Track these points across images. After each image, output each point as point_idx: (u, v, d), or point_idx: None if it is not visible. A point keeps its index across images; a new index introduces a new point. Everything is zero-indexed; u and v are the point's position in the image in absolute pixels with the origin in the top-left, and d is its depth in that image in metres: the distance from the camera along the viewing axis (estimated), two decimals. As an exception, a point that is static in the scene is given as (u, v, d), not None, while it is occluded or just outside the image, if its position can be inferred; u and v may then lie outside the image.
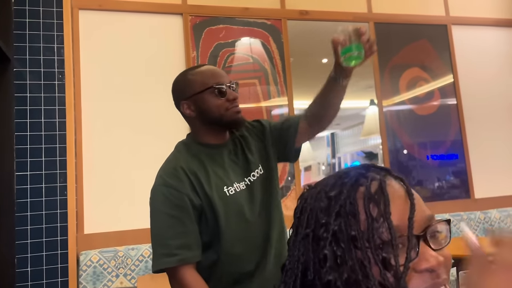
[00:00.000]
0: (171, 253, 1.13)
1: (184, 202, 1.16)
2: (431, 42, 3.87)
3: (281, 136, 1.35)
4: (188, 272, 1.13)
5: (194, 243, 1.16)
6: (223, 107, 1.23)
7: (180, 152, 1.28)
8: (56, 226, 2.53)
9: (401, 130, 3.71)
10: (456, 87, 3.86)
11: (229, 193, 1.21)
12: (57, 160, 2.58)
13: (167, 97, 3.46)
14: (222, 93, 1.23)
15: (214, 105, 1.23)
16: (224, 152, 1.28)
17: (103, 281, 2.64)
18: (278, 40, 3.45)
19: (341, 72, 1.24)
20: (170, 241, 1.14)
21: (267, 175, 1.31)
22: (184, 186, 1.17)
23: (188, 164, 1.21)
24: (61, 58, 2.69)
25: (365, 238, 0.50)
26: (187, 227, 1.15)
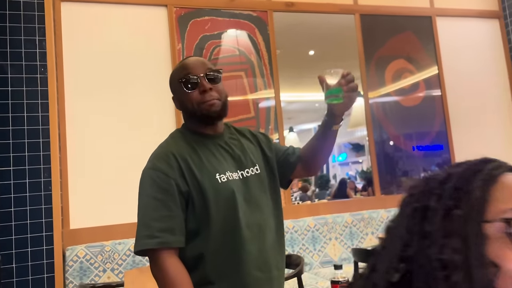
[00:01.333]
0: (152, 235, 1.13)
1: (171, 186, 1.16)
2: (416, 34, 3.89)
3: (282, 161, 1.39)
4: (168, 256, 1.13)
5: (178, 228, 1.16)
6: (196, 100, 1.23)
7: (174, 138, 1.28)
8: (41, 221, 2.50)
9: (387, 121, 3.74)
10: (441, 79, 3.90)
11: (221, 180, 1.20)
12: (40, 155, 2.54)
13: (153, 89, 3.44)
14: (193, 84, 1.23)
15: (187, 99, 1.24)
16: (217, 143, 1.28)
17: (90, 276, 2.63)
18: (264, 32, 3.43)
19: (332, 117, 1.28)
20: (153, 223, 1.14)
21: (267, 176, 1.33)
22: (172, 171, 1.17)
23: (179, 150, 1.21)
24: (43, 51, 2.63)
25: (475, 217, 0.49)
26: (172, 211, 1.15)
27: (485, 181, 0.52)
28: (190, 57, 1.30)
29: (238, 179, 1.25)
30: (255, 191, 1.27)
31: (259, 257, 1.22)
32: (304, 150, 1.40)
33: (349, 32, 3.71)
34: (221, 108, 1.24)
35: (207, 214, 1.18)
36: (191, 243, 1.19)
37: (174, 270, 1.12)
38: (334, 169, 7.46)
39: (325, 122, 1.30)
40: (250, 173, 1.28)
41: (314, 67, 3.68)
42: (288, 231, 3.13)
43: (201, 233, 1.19)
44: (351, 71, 1.24)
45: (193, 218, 1.19)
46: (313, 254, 3.18)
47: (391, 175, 3.71)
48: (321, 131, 1.33)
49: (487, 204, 0.50)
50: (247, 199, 1.24)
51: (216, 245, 1.19)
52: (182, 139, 1.27)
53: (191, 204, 1.19)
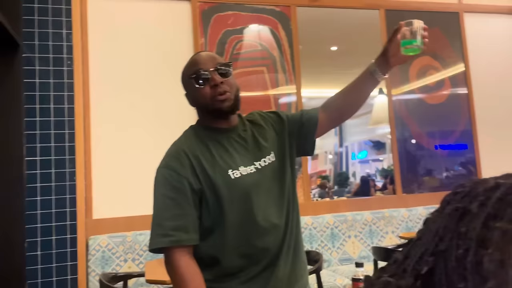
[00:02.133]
0: (165, 234, 1.14)
1: (183, 185, 1.17)
2: (443, 30, 3.81)
3: (301, 128, 1.35)
4: (181, 255, 1.14)
5: (191, 226, 1.16)
6: (208, 95, 1.22)
7: (186, 136, 1.29)
8: (65, 211, 2.56)
9: (410, 119, 3.68)
10: (467, 76, 3.81)
11: (234, 176, 1.20)
12: (66, 146, 2.60)
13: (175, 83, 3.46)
14: (203, 80, 1.22)
15: (199, 95, 1.24)
16: (231, 136, 1.27)
17: (111, 266, 2.68)
18: (287, 27, 3.41)
19: (383, 66, 1.27)
20: (166, 222, 1.15)
21: (280, 165, 1.29)
22: (184, 169, 1.18)
23: (191, 148, 1.22)
24: (70, 44, 2.69)
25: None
26: (184, 210, 1.16)
27: None
28: (200, 53, 1.30)
29: (253, 171, 1.23)
30: (270, 181, 1.26)
31: (275, 247, 1.22)
32: (336, 98, 1.37)
33: (373, 28, 3.66)
34: (233, 102, 1.24)
35: (221, 211, 1.18)
36: (207, 240, 1.19)
37: (186, 268, 1.13)
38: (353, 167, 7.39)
39: (373, 70, 1.28)
40: (267, 161, 1.27)
41: (336, 63, 3.65)
42: (307, 227, 3.12)
43: (216, 230, 1.19)
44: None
45: (207, 215, 1.19)
46: (332, 251, 3.16)
47: (412, 174, 3.66)
48: (363, 78, 1.31)
49: None
50: (263, 190, 1.23)
51: (232, 241, 1.19)
52: (195, 136, 1.26)
53: (205, 202, 1.19)
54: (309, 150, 1.38)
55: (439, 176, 3.76)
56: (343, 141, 5.26)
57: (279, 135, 1.33)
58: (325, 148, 4.67)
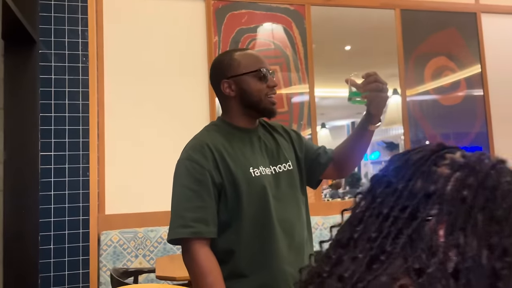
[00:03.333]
0: (186, 225, 1.15)
1: (205, 177, 1.18)
2: (459, 31, 3.75)
3: (314, 158, 1.39)
4: (200, 247, 1.15)
5: (211, 219, 1.17)
6: (263, 92, 1.26)
7: (209, 130, 1.30)
8: (79, 206, 2.59)
9: (424, 120, 3.64)
10: (484, 78, 3.75)
11: (254, 174, 1.21)
12: (80, 142, 2.63)
13: (189, 81, 3.48)
14: (265, 78, 1.26)
15: (255, 89, 1.26)
16: (253, 137, 1.30)
17: (122, 261, 2.71)
18: (301, 26, 3.40)
19: (369, 117, 1.29)
20: (187, 214, 1.16)
21: (296, 175, 1.32)
22: (207, 162, 1.19)
23: (214, 142, 1.23)
24: (85, 41, 2.72)
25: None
26: (206, 202, 1.17)
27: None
28: (252, 50, 1.35)
29: (270, 174, 1.25)
30: (286, 187, 1.27)
31: (289, 252, 1.22)
32: (338, 150, 1.40)
33: (388, 28, 3.62)
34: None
35: (239, 207, 1.19)
36: (223, 235, 1.20)
37: (205, 260, 1.14)
38: (366, 168, 7.33)
39: (362, 122, 1.30)
40: (283, 169, 1.29)
41: (350, 63, 3.62)
42: (318, 227, 3.11)
43: (233, 226, 1.20)
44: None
45: (225, 210, 1.20)
46: (342, 252, 3.14)
47: (426, 176, 3.61)
48: (357, 130, 1.33)
49: None
50: (278, 195, 1.24)
51: (248, 238, 1.19)
52: (217, 132, 1.28)
53: (224, 196, 1.20)
54: (313, 184, 1.42)
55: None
56: (355, 142, 5.19)
57: (297, 153, 1.37)
58: (337, 148, 4.63)
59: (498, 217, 0.48)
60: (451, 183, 0.51)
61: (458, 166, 0.52)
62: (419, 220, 0.49)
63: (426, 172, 0.52)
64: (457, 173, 0.51)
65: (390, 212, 0.51)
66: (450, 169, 0.52)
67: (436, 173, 0.52)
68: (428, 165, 0.53)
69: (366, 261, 0.50)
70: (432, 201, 0.50)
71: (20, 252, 2.41)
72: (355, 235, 0.54)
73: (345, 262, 0.53)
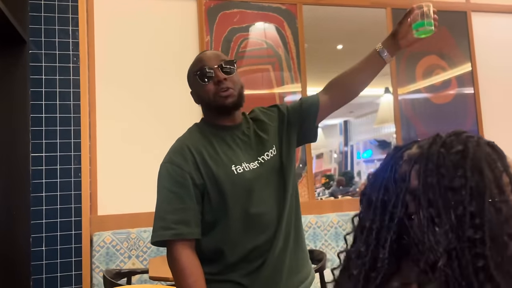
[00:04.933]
0: (167, 227, 1.16)
1: (186, 179, 1.19)
2: (450, 29, 3.78)
3: (302, 116, 1.36)
4: (183, 248, 1.16)
5: (193, 221, 1.18)
6: (211, 92, 1.25)
7: (190, 132, 1.31)
8: (71, 207, 2.57)
9: (416, 119, 3.66)
10: (474, 76, 3.78)
11: (237, 172, 1.21)
12: (71, 142, 2.61)
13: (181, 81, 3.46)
14: (206, 77, 1.25)
15: (202, 91, 1.26)
16: (235, 134, 1.29)
17: (115, 262, 2.69)
18: (293, 25, 3.40)
19: (392, 47, 1.31)
20: (168, 216, 1.17)
21: (282, 159, 1.30)
22: (187, 164, 1.20)
23: (195, 143, 1.24)
24: (76, 41, 2.70)
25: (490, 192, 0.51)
26: (186, 204, 1.18)
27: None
28: (205, 51, 1.33)
29: (256, 167, 1.25)
30: (272, 173, 1.27)
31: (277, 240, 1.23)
32: (342, 77, 1.39)
33: (380, 27, 3.64)
34: (236, 99, 1.26)
35: (224, 206, 1.20)
36: (209, 234, 1.21)
37: (187, 261, 1.15)
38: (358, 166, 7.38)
39: (381, 51, 1.32)
40: (270, 155, 1.28)
41: (342, 62, 3.63)
42: (311, 226, 3.12)
43: (219, 225, 1.21)
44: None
45: (209, 210, 1.21)
46: (336, 250, 3.16)
47: (418, 174, 3.64)
48: (370, 58, 1.35)
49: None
50: (264, 183, 1.24)
51: (235, 235, 1.20)
52: (199, 132, 1.29)
53: (207, 197, 1.21)
54: (311, 137, 1.40)
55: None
56: (348, 140, 5.24)
57: (280, 127, 1.34)
58: (330, 147, 4.65)
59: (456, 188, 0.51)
60: (413, 177, 0.53)
61: (414, 159, 0.55)
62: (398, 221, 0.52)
63: (391, 177, 0.55)
64: (415, 166, 0.54)
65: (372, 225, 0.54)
66: (408, 165, 0.55)
67: (399, 174, 0.55)
68: (390, 170, 0.56)
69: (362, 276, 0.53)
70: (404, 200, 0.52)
71: (12, 254, 2.39)
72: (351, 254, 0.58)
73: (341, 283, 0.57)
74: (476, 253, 0.48)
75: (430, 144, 0.57)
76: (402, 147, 0.60)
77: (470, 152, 0.53)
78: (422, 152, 0.55)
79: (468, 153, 0.53)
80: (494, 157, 0.54)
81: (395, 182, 0.55)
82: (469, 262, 0.47)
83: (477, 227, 0.48)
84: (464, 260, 0.47)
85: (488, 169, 0.52)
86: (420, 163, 0.54)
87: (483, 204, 0.49)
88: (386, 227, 0.52)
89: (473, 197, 0.50)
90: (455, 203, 0.50)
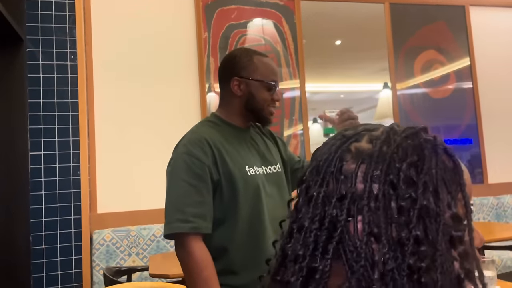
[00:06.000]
0: (186, 220, 1.15)
1: (205, 172, 1.18)
2: (448, 24, 3.77)
3: (293, 171, 1.43)
4: (197, 242, 1.16)
5: (209, 215, 1.19)
6: (267, 102, 1.30)
7: (204, 126, 1.30)
8: (70, 205, 2.57)
9: (415, 113, 3.66)
10: (473, 71, 3.78)
11: (250, 173, 1.24)
12: (70, 141, 2.61)
13: (178, 77, 3.45)
14: (273, 89, 1.31)
15: (262, 98, 1.29)
16: (246, 136, 1.33)
17: (116, 260, 2.70)
18: (291, 21, 3.39)
19: None
20: (187, 208, 1.16)
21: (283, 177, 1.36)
22: (206, 157, 1.19)
23: (212, 138, 1.23)
24: (73, 39, 2.68)
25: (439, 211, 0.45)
26: (205, 198, 1.18)
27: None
28: (270, 60, 1.35)
29: (262, 174, 1.28)
30: (275, 188, 1.30)
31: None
32: None
33: (378, 22, 3.63)
34: None
35: (235, 204, 1.20)
36: (216, 232, 1.21)
37: (201, 256, 1.15)
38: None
39: None
40: (273, 170, 1.32)
41: (340, 57, 3.62)
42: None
43: (227, 223, 1.21)
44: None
45: (220, 207, 1.21)
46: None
47: (417, 169, 3.64)
48: None
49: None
50: (269, 194, 1.27)
51: (240, 236, 1.21)
52: (213, 128, 1.29)
53: (219, 193, 1.21)
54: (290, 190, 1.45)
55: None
56: (347, 136, 5.21)
57: (282, 157, 1.41)
58: (329, 143, 4.65)
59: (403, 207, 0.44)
60: (358, 179, 0.46)
61: (363, 157, 0.48)
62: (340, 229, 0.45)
63: (335, 172, 0.48)
64: (362, 166, 0.47)
65: (311, 225, 0.47)
66: (355, 162, 0.48)
67: (344, 172, 0.47)
68: (334, 164, 0.49)
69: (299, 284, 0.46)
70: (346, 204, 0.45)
71: (12, 253, 2.39)
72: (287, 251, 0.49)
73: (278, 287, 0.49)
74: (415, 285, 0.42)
75: (382, 142, 0.48)
76: (350, 136, 0.51)
77: (426, 165, 0.46)
78: (373, 151, 0.48)
79: (423, 166, 0.46)
80: (451, 173, 0.48)
81: (337, 181, 0.47)
82: None
83: (422, 256, 0.42)
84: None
85: (443, 188, 0.46)
86: (368, 163, 0.47)
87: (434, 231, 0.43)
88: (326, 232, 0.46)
89: (421, 220, 0.43)
90: (400, 223, 0.44)
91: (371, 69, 3.75)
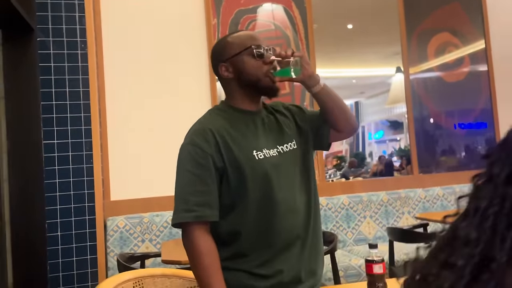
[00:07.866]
0: (189, 209, 1.17)
1: (208, 161, 1.19)
2: (463, 6, 3.67)
3: (318, 124, 1.37)
4: (202, 230, 1.18)
5: (214, 203, 1.19)
6: (261, 70, 1.24)
7: (211, 114, 1.30)
8: (84, 193, 2.61)
9: (428, 98, 3.60)
10: (488, 53, 3.69)
11: (258, 158, 1.22)
12: (82, 129, 2.63)
13: (189, 64, 3.44)
14: (260, 55, 1.24)
15: (251, 66, 1.25)
16: (256, 119, 1.29)
17: (129, 246, 2.74)
18: (301, 5, 3.34)
19: (304, 84, 1.29)
20: (190, 198, 1.18)
21: (301, 153, 1.32)
22: (209, 146, 1.20)
23: (217, 126, 1.23)
24: (83, 27, 2.69)
25: None
26: (208, 186, 1.19)
27: None
28: (248, 31, 1.33)
29: (276, 155, 1.26)
30: (291, 166, 1.28)
31: (292, 232, 1.23)
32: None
33: (390, 4, 3.55)
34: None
35: (244, 190, 1.20)
36: (226, 218, 1.22)
37: (204, 243, 1.17)
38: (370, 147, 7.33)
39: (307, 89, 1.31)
40: (289, 148, 1.29)
41: (352, 42, 3.57)
42: (322, 208, 3.12)
43: (237, 208, 1.22)
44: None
45: (228, 193, 1.22)
46: (347, 231, 3.16)
47: (430, 154, 3.60)
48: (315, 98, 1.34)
49: None
50: (283, 174, 1.25)
51: (253, 219, 1.21)
52: (220, 116, 1.28)
53: (226, 180, 1.21)
54: (324, 145, 1.40)
55: (457, 156, 3.69)
56: (359, 121, 5.19)
57: (300, 127, 1.36)
58: (341, 129, 4.62)
59: None
60: None
61: None
62: None
63: None
64: None
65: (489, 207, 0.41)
66: None
67: None
68: None
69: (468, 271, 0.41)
70: None
71: (28, 240, 2.44)
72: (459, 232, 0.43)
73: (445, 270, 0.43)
74: None
75: None
76: None
77: None
78: None
79: None
80: None
81: None
82: None
83: None
84: None
85: None
86: None
87: None
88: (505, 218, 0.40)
89: None
90: None
91: (383, 53, 3.69)
